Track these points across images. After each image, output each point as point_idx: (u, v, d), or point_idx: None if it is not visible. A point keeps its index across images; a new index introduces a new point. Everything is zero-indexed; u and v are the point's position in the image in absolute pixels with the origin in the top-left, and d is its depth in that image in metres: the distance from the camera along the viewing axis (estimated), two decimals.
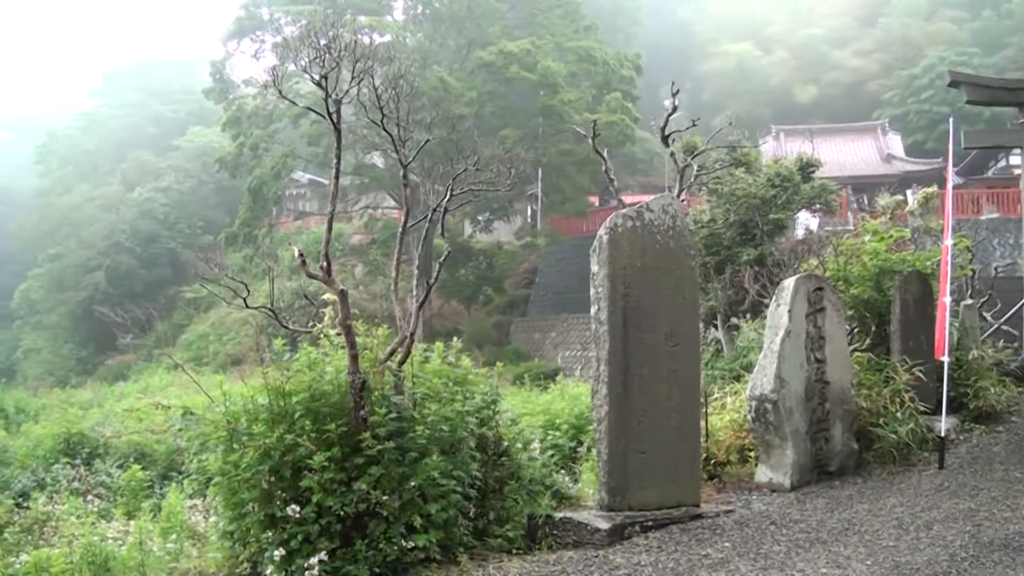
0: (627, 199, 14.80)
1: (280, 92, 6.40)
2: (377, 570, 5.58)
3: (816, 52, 57.43)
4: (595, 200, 43.81)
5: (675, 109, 12.67)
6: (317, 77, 6.18)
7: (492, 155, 8.10)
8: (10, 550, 8.29)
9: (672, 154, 13.41)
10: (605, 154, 12.62)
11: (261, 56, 40.92)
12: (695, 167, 13.52)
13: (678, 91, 12.77)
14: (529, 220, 46.33)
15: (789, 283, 8.71)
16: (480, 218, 41.27)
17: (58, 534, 8.72)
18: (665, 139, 12.69)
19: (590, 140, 12.97)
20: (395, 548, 5.61)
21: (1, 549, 8.39)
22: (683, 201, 11.79)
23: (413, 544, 5.67)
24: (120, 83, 67.13)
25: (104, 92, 67.67)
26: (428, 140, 7.54)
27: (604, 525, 6.52)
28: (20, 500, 10.45)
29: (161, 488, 11.14)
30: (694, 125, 13.70)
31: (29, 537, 8.90)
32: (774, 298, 8.84)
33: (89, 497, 10.69)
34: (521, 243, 42.99)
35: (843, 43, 57.50)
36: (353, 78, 6.37)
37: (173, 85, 65.33)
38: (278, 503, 5.68)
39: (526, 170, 31.17)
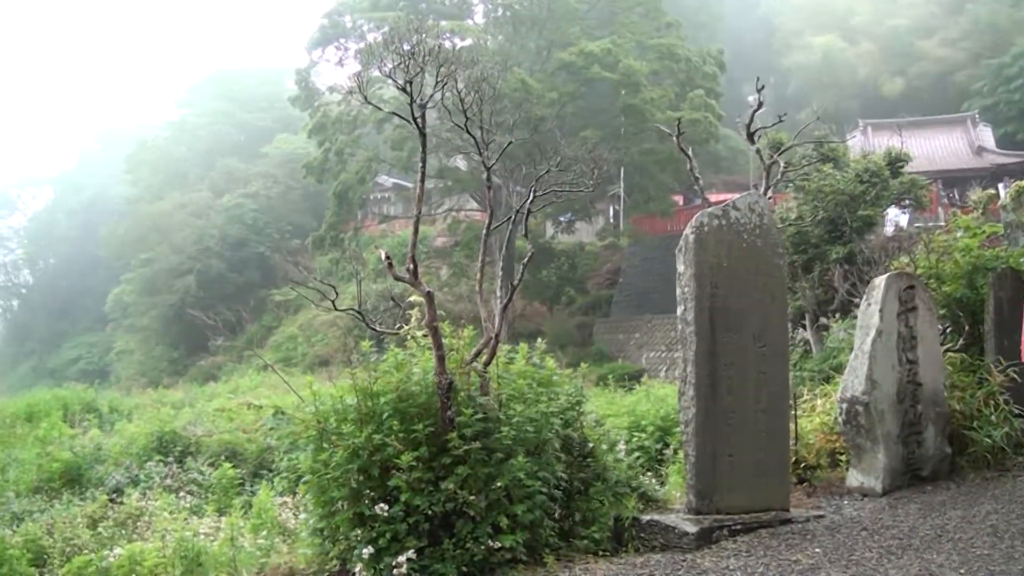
0: (712, 197, 14.61)
1: (365, 98, 6.49)
2: (464, 569, 5.61)
3: (902, 42, 55.76)
4: (679, 199, 43.35)
5: (760, 105, 12.43)
6: (401, 82, 6.25)
7: (574, 155, 8.07)
8: (104, 544, 8.57)
9: (758, 151, 13.17)
10: (690, 152, 12.46)
11: (345, 63, 41.60)
12: (781, 164, 13.23)
13: (763, 87, 12.52)
14: (611, 220, 46.08)
15: (880, 281, 8.47)
16: (562, 219, 41.21)
17: (151, 529, 9.00)
18: (751, 136, 12.46)
19: (674, 138, 12.83)
20: (482, 548, 5.64)
21: (96, 542, 8.69)
22: (769, 199, 11.55)
23: (499, 544, 5.69)
24: (206, 93, 68.94)
25: (191, 102, 69.50)
26: (511, 143, 7.56)
27: (692, 528, 6.43)
28: (114, 496, 10.81)
29: (251, 486, 11.41)
30: (780, 121, 13.42)
31: (123, 531, 9.21)
32: (864, 297, 8.60)
33: (181, 494, 11.01)
34: (603, 244, 42.79)
35: (929, 32, 55.68)
36: (437, 82, 6.43)
37: (258, 93, 66.86)
38: (367, 502, 5.76)
39: (608, 170, 31.02)
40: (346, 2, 42.08)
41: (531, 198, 7.20)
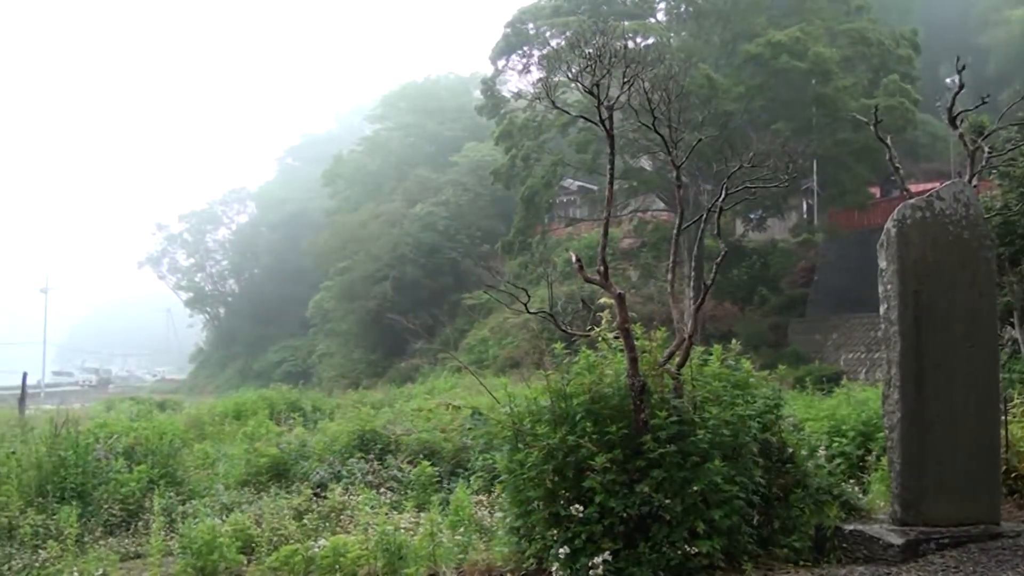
0: (912, 188, 13.80)
1: (553, 103, 6.57)
2: (661, 574, 5.58)
3: None
4: (876, 191, 41.26)
5: (961, 87, 11.66)
6: (587, 86, 6.28)
7: (765, 150, 7.87)
8: (309, 535, 9.04)
9: (960, 136, 12.35)
10: (888, 141, 11.84)
11: (529, 70, 42.13)
12: (985, 149, 12.31)
13: (964, 67, 11.74)
14: (805, 216, 44.42)
15: None
16: (752, 216, 40.05)
17: (353, 522, 9.42)
18: (952, 120, 11.69)
19: (871, 127, 12.22)
20: (678, 553, 5.59)
21: (301, 533, 9.18)
22: (974, 187, 10.79)
23: (696, 550, 5.63)
24: (397, 106, 71.50)
25: (383, 116, 72.28)
26: (700, 140, 7.46)
27: (897, 540, 6.14)
28: (318, 490, 11.34)
29: (448, 483, 11.69)
30: (984, 103, 12.51)
31: (326, 524, 9.67)
32: None
33: (382, 490, 11.43)
34: (797, 240, 41.28)
35: None
36: (624, 83, 6.42)
37: (447, 105, 68.76)
38: (562, 502, 5.83)
39: (801, 163, 29.93)
40: (528, 10, 42.60)
41: (722, 196, 7.07)
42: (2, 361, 66.54)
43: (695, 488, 5.72)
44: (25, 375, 22.13)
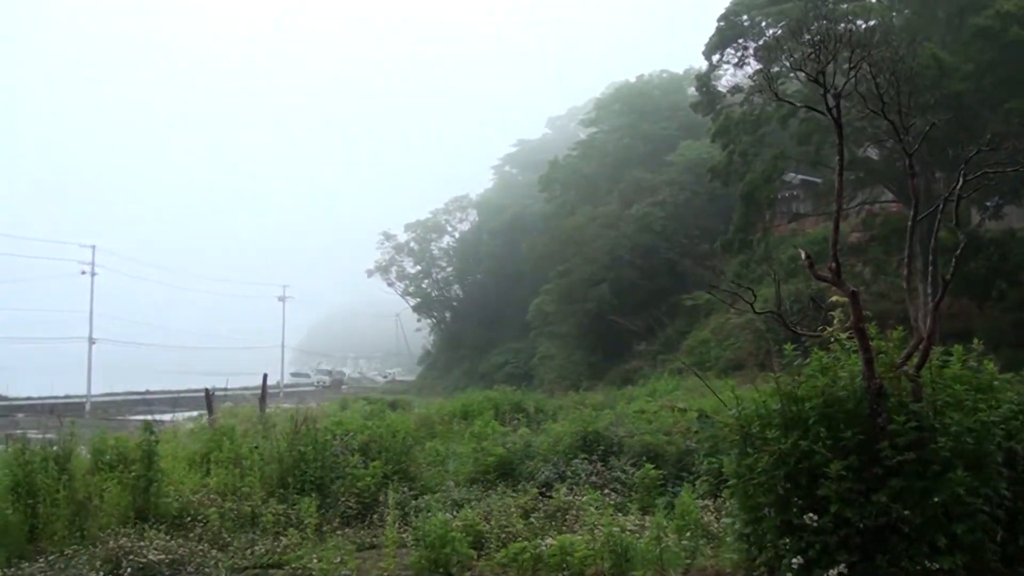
0: None
1: (776, 94, 6.37)
2: None
3: None
4: None
5: None
6: (809, 74, 6.04)
7: (1001, 132, 7.27)
8: (536, 533, 9.26)
9: None
10: None
11: (745, 63, 41.09)
12: None
13: None
14: None
15: None
16: (988, 204, 37.02)
17: (579, 522, 9.54)
18: None
19: None
20: (918, 568, 5.28)
21: (528, 531, 9.40)
22: None
23: (937, 566, 5.28)
24: (611, 108, 71.66)
25: (597, 119, 72.69)
26: (932, 125, 7.00)
27: None
28: (544, 489, 11.58)
29: (672, 487, 11.59)
30: None
31: (552, 523, 9.87)
32: None
33: (606, 491, 11.51)
34: None
35: None
36: (850, 68, 6.13)
37: (661, 104, 68.14)
38: (795, 510, 5.63)
39: None
40: (743, 1, 41.50)
41: (959, 183, 6.59)
42: (245, 363, 72.29)
43: (936, 499, 5.37)
44: (265, 376, 23.79)
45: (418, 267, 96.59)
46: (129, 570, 8.60)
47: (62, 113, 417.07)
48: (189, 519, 10.56)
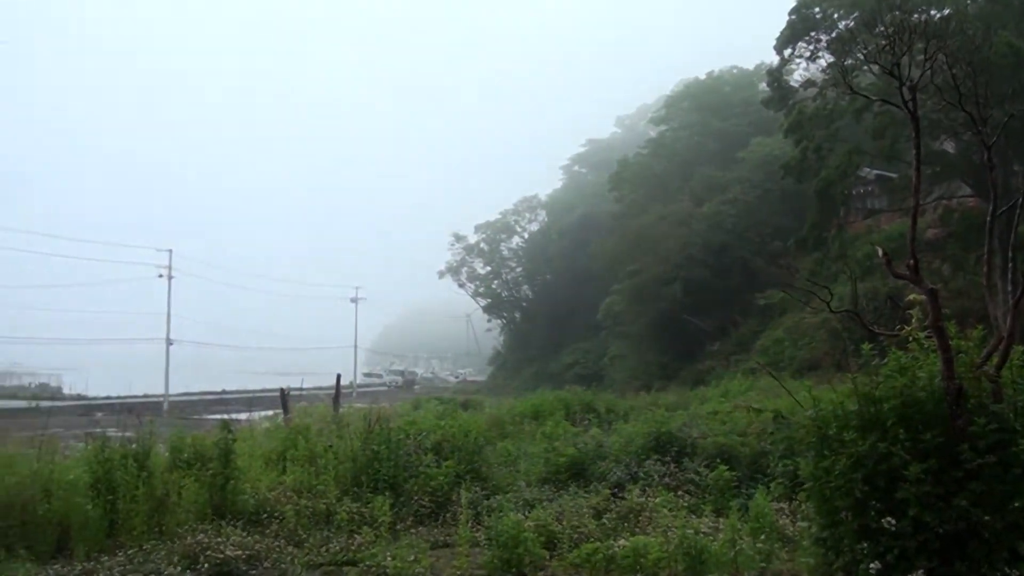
0: None
1: (851, 87, 6.24)
2: None
3: None
4: None
5: None
6: (884, 66, 5.90)
7: None
8: (608, 534, 9.23)
9: None
10: None
11: (818, 57, 40.33)
12: None
13: None
14: None
15: None
16: None
17: (652, 523, 9.47)
18: None
19: None
20: (997, 574, 5.11)
21: (601, 532, 9.38)
22: None
23: (1018, 573, 5.11)
24: (680, 106, 71.06)
25: (667, 117, 72.14)
26: (1010, 116, 6.78)
27: None
28: (616, 490, 11.55)
29: (747, 488, 11.43)
30: None
31: (625, 524, 9.83)
32: None
33: (679, 492, 11.42)
34: None
35: None
36: (926, 59, 5.96)
37: (731, 100, 67.33)
38: (872, 514, 5.51)
39: None
40: None
41: None
42: (319, 364, 73.34)
43: (1017, 504, 5.21)
44: (339, 376, 24.20)
45: (488, 268, 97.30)
46: (207, 565, 8.80)
47: (143, 124, 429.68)
48: (265, 516, 10.78)
